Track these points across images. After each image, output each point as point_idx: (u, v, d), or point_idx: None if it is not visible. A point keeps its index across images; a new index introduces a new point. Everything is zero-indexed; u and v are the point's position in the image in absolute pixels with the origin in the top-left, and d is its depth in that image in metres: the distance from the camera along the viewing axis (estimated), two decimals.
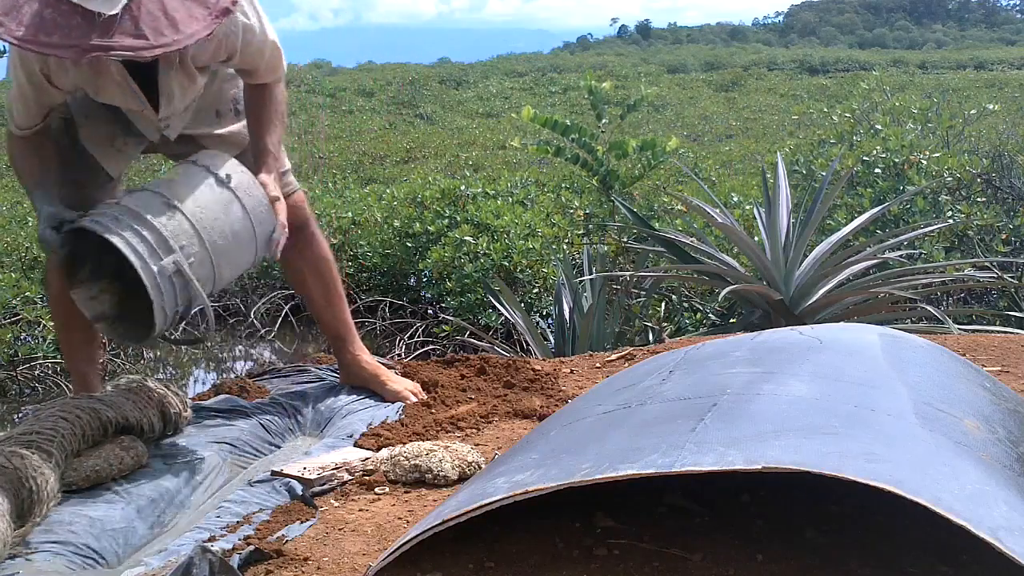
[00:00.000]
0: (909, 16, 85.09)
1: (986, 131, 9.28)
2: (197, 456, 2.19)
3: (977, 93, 18.35)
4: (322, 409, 2.60)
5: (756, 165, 10.50)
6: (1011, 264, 5.37)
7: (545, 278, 6.74)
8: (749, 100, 23.73)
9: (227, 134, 2.43)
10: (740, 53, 43.93)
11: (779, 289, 4.27)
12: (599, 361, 3.09)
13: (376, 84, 29.70)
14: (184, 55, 2.04)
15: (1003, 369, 2.74)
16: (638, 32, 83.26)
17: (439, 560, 1.55)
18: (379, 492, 2.00)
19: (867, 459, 1.35)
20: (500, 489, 1.47)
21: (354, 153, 15.38)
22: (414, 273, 7.72)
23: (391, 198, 8.29)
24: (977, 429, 1.61)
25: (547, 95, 26.46)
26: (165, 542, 1.85)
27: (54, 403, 2.11)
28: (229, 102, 2.43)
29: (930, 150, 6.20)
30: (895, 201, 5.41)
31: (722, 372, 1.86)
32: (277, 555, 1.66)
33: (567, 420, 1.90)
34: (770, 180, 4.71)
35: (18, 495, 1.76)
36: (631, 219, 5.47)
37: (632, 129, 15.20)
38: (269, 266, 8.05)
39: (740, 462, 1.34)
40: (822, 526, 1.63)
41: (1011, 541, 1.18)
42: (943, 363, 1.97)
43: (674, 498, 1.74)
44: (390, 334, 7.37)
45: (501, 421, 2.49)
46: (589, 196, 8.27)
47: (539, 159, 12.78)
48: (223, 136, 2.43)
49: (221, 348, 7.65)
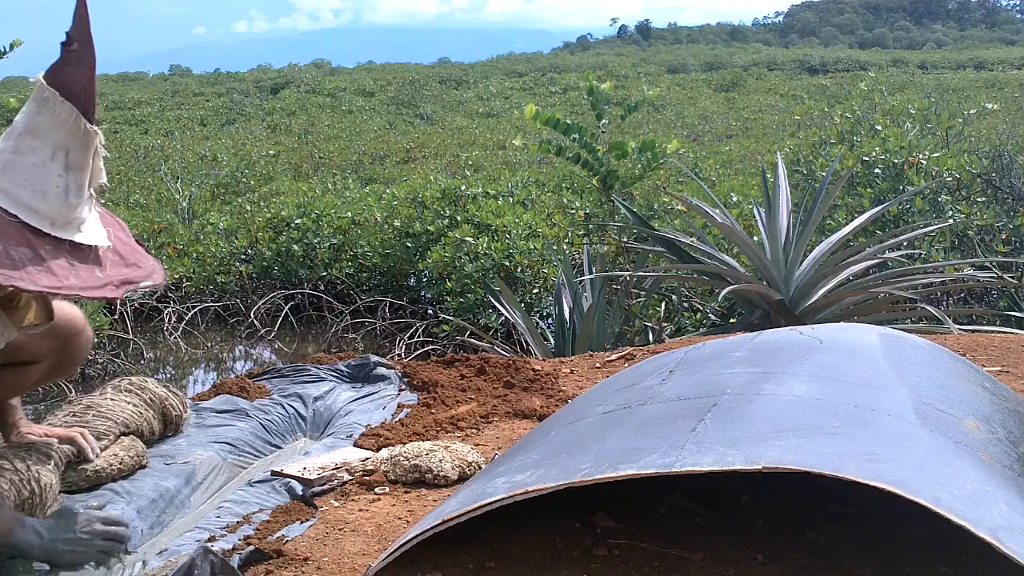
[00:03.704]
0: (909, 16, 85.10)
1: (986, 131, 9.28)
2: (197, 456, 2.19)
3: (977, 93, 18.37)
4: (322, 409, 2.60)
5: (756, 165, 10.50)
6: (1011, 264, 5.36)
7: (545, 278, 6.74)
8: (749, 100, 23.73)
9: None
10: (740, 53, 43.99)
11: (779, 289, 4.27)
12: (599, 361, 3.09)
13: (376, 84, 29.73)
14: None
15: (1003, 369, 2.74)
16: (638, 32, 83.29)
17: (439, 560, 1.55)
18: (379, 492, 2.00)
19: (867, 459, 1.35)
20: (500, 489, 1.47)
21: (354, 153, 15.38)
22: (414, 273, 7.72)
23: (391, 198, 8.29)
24: (977, 429, 1.61)
25: (547, 95, 26.48)
26: (165, 542, 1.85)
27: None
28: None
29: (930, 150, 6.20)
30: (895, 201, 5.41)
31: (722, 372, 1.86)
32: (277, 555, 1.66)
33: (567, 420, 1.90)
34: (770, 180, 4.71)
35: (20, 497, 1.77)
36: (631, 219, 5.47)
37: (632, 129, 15.21)
38: (269, 266, 8.06)
39: (740, 462, 1.34)
40: (822, 526, 1.63)
41: (1011, 541, 1.18)
42: (943, 363, 1.97)
43: (674, 498, 1.74)
44: (390, 334, 7.37)
45: (501, 421, 2.49)
46: (589, 196, 8.27)
47: (539, 159, 12.79)
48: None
49: (221, 348, 7.66)
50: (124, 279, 1.65)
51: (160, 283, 1.73)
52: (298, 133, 18.97)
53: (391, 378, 2.81)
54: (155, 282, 1.70)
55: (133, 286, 1.66)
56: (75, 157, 1.59)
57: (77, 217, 1.61)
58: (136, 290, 1.69)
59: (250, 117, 23.30)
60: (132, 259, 1.69)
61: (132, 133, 18.22)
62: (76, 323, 1.98)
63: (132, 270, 1.67)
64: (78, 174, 1.60)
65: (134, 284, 1.66)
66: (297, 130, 19.50)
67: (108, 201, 2.34)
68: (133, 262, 1.69)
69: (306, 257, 8.00)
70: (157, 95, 28.09)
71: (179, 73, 42.36)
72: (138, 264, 1.70)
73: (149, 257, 1.75)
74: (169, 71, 43.93)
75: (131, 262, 1.68)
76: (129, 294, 1.69)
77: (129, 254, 1.69)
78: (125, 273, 1.66)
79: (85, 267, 1.59)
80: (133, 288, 1.66)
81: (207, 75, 38.19)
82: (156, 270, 1.72)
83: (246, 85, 30.47)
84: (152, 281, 1.70)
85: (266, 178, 12.46)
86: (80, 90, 1.56)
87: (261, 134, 19.28)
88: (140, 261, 1.71)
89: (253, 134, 19.09)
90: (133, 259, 1.69)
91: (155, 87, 32.15)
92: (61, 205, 1.58)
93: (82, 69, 1.56)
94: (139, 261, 1.71)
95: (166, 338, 7.57)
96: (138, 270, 1.69)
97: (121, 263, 1.66)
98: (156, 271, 1.72)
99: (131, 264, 1.68)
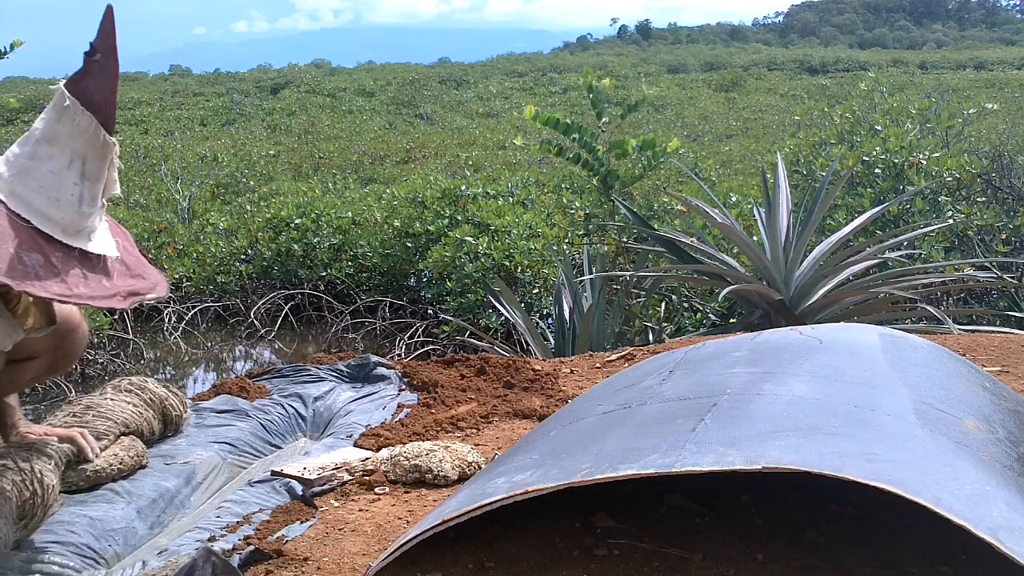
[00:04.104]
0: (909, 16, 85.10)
1: (986, 131, 9.28)
2: (197, 456, 2.19)
3: (977, 93, 18.36)
4: (322, 409, 2.60)
5: (756, 165, 10.50)
6: (1011, 264, 5.37)
7: (545, 278, 6.74)
8: (749, 100, 23.74)
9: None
10: (740, 53, 43.99)
11: (779, 289, 4.27)
12: (599, 361, 3.09)
13: (376, 84, 29.72)
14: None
15: (1003, 369, 2.74)
16: (638, 32, 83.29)
17: (439, 560, 1.55)
18: (379, 492, 2.00)
19: (867, 459, 1.35)
20: (500, 489, 1.47)
21: (354, 153, 15.38)
22: (414, 273, 7.72)
23: (391, 198, 8.29)
24: (977, 429, 1.61)
25: (547, 95, 26.49)
26: (165, 542, 1.85)
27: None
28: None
29: (930, 150, 6.20)
30: (895, 201, 5.41)
31: (722, 372, 1.86)
32: (277, 555, 1.66)
33: (567, 420, 1.90)
34: (770, 180, 4.71)
35: (22, 497, 1.77)
36: (631, 219, 5.47)
37: (632, 129, 15.20)
38: (269, 266, 8.06)
39: (740, 462, 1.34)
40: (822, 526, 1.63)
41: (1011, 541, 1.18)
42: (943, 363, 1.97)
43: (674, 498, 1.74)
44: (390, 334, 7.37)
45: (501, 421, 2.49)
46: (589, 196, 8.27)
47: (539, 159, 12.80)
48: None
49: (221, 348, 7.66)
50: (131, 290, 1.67)
51: (163, 295, 1.75)
52: (298, 133, 18.97)
53: (391, 378, 2.81)
54: (159, 295, 1.72)
55: (139, 298, 1.68)
56: (92, 167, 1.60)
57: (88, 226, 1.62)
58: (141, 302, 1.70)
59: (250, 117, 23.30)
60: (137, 270, 1.71)
61: (132, 133, 18.20)
62: (72, 319, 1.98)
63: (137, 281, 1.69)
64: (93, 184, 1.62)
65: (140, 296, 1.68)
66: (297, 130, 19.50)
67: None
68: (138, 273, 1.71)
69: (306, 257, 8.00)
70: (157, 95, 28.08)
71: (179, 73, 42.33)
72: (143, 275, 1.71)
73: (153, 269, 1.76)
74: (169, 71, 43.90)
75: (136, 273, 1.70)
76: (133, 305, 1.69)
77: (135, 265, 1.71)
78: (131, 284, 1.67)
79: (94, 276, 1.61)
80: (139, 300, 1.68)
81: (207, 75, 38.18)
82: (160, 282, 1.74)
83: (246, 85, 30.47)
84: (156, 294, 1.71)
85: (266, 178, 12.46)
86: (101, 101, 1.58)
87: (261, 134, 19.28)
88: (145, 272, 1.72)
89: (253, 134, 19.09)
90: (138, 270, 1.71)
91: (155, 87, 32.14)
92: (74, 213, 1.59)
93: (104, 80, 1.58)
94: (144, 272, 1.72)
95: (166, 338, 7.57)
96: (143, 281, 1.70)
97: (127, 274, 1.68)
98: (160, 283, 1.74)
99: (136, 275, 1.70)
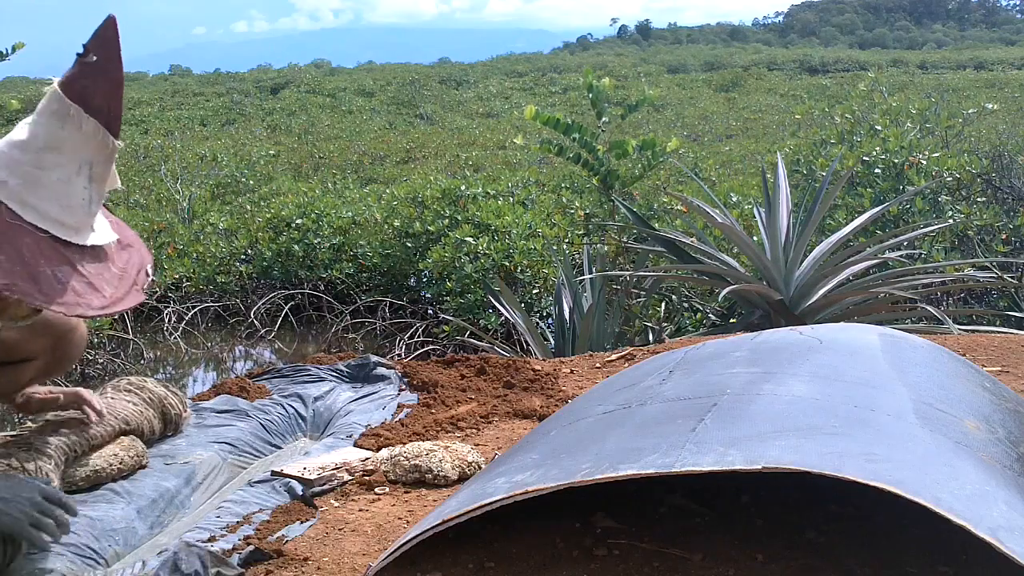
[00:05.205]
0: (909, 16, 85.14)
1: (986, 131, 9.28)
2: (197, 456, 2.18)
3: (977, 93, 18.37)
4: (322, 409, 2.60)
5: (756, 165, 10.50)
6: (1011, 264, 5.37)
7: (545, 278, 6.74)
8: (749, 100, 23.75)
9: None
10: (740, 53, 44.02)
11: (779, 289, 4.27)
12: (599, 361, 3.09)
13: (376, 84, 29.74)
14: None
15: (1003, 369, 2.74)
16: (638, 32, 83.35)
17: (439, 560, 1.55)
18: (379, 492, 2.00)
19: (867, 459, 1.35)
20: (500, 489, 1.47)
21: (354, 153, 15.38)
22: (414, 273, 7.72)
23: (391, 198, 8.29)
24: (977, 429, 1.61)
25: (547, 95, 26.50)
26: (165, 542, 1.85)
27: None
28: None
29: (930, 150, 6.20)
30: (895, 201, 5.41)
31: (722, 372, 1.86)
32: (277, 555, 1.66)
33: (567, 420, 1.90)
34: (770, 180, 4.71)
35: None
36: (631, 219, 5.47)
37: (632, 129, 15.22)
38: (269, 266, 8.06)
39: (740, 462, 1.34)
40: (822, 526, 1.63)
41: (1011, 541, 1.18)
42: (943, 363, 1.97)
43: (674, 498, 1.74)
44: (390, 334, 7.37)
45: (501, 421, 2.49)
46: (589, 196, 8.28)
47: (539, 159, 12.80)
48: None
49: (221, 348, 7.66)
50: (137, 269, 1.67)
51: (148, 259, 1.75)
52: (298, 133, 18.97)
53: (391, 378, 2.81)
54: (148, 261, 1.73)
55: (148, 280, 1.68)
56: (98, 170, 1.61)
57: (93, 222, 1.63)
58: (149, 276, 1.70)
59: (250, 117, 23.31)
60: (125, 240, 1.71)
61: (132, 133, 18.21)
62: (70, 320, 1.98)
63: (129, 253, 1.69)
64: (99, 185, 1.62)
65: (147, 279, 1.68)
66: (297, 130, 19.51)
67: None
68: (127, 243, 1.70)
69: (306, 257, 8.00)
70: (157, 95, 28.09)
71: (179, 73, 42.34)
72: (130, 244, 1.72)
73: (126, 226, 1.76)
74: (169, 71, 43.91)
75: (125, 243, 1.70)
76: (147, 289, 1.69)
77: (118, 230, 1.71)
78: (129, 261, 1.68)
79: (109, 273, 1.61)
80: (149, 279, 1.68)
81: (207, 75, 38.18)
82: (142, 244, 1.74)
83: (246, 85, 30.47)
84: (150, 262, 1.72)
85: (266, 178, 12.46)
86: (102, 102, 1.57)
87: (261, 134, 19.28)
88: (125, 235, 1.72)
89: (253, 134, 19.10)
90: (125, 240, 1.71)
91: (155, 87, 32.15)
92: (84, 215, 1.60)
93: (104, 82, 1.56)
94: (126, 237, 1.72)
95: (166, 338, 7.57)
96: (134, 251, 1.71)
97: (119, 248, 1.68)
98: (143, 245, 1.75)
99: (126, 246, 1.70)
